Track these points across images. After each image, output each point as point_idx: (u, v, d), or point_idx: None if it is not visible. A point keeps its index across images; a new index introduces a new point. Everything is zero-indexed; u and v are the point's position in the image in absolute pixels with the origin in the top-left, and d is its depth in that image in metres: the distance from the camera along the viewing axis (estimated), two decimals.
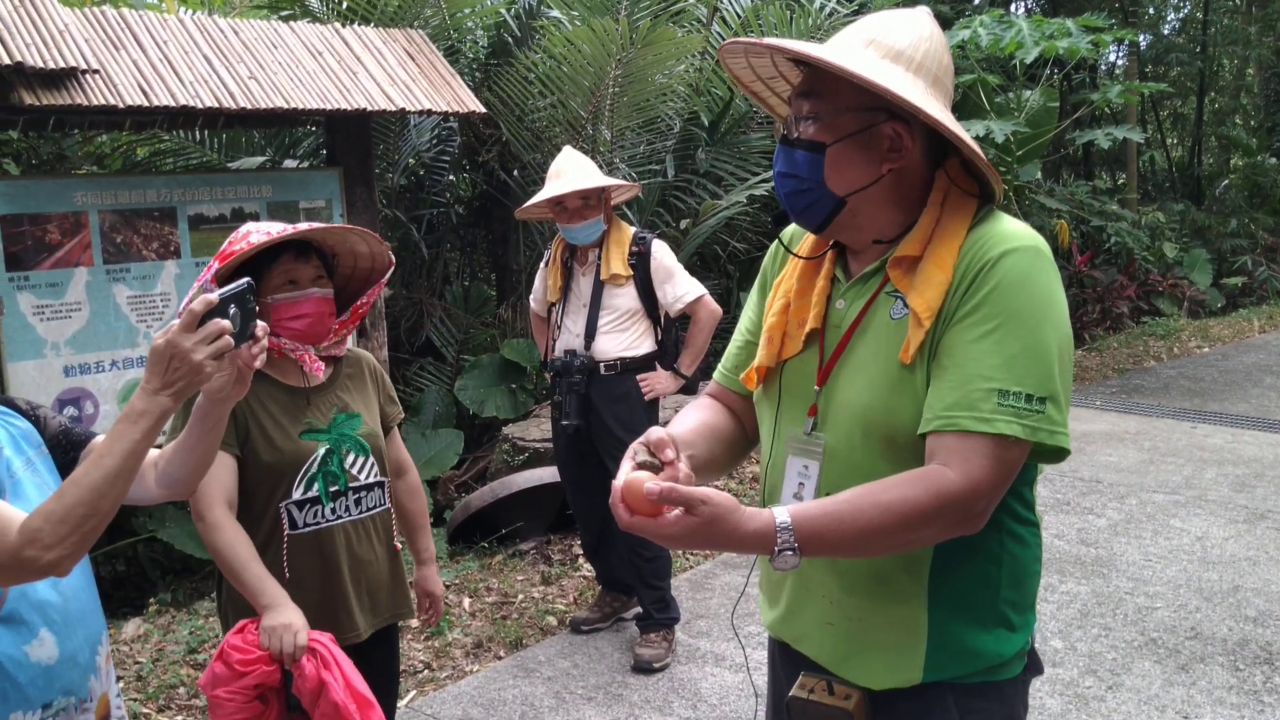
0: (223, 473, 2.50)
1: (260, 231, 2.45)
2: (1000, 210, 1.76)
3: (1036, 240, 1.68)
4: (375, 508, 2.74)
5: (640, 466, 1.61)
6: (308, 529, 2.60)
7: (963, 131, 1.68)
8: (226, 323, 1.76)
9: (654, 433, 1.67)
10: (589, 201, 4.32)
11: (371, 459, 2.71)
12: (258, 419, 2.57)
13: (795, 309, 1.85)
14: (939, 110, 1.67)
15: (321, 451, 2.60)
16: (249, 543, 2.51)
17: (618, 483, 1.59)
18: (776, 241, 2.00)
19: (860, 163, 1.71)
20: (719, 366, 2.08)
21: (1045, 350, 1.61)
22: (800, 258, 1.89)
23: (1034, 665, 1.86)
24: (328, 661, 2.44)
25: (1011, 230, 1.69)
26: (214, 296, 1.76)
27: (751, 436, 2.03)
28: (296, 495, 2.58)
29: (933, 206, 1.73)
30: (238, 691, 2.37)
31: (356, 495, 2.67)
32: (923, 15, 1.76)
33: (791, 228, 1.97)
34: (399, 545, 2.88)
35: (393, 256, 2.72)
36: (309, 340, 2.60)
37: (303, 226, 2.51)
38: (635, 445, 1.66)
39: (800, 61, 1.75)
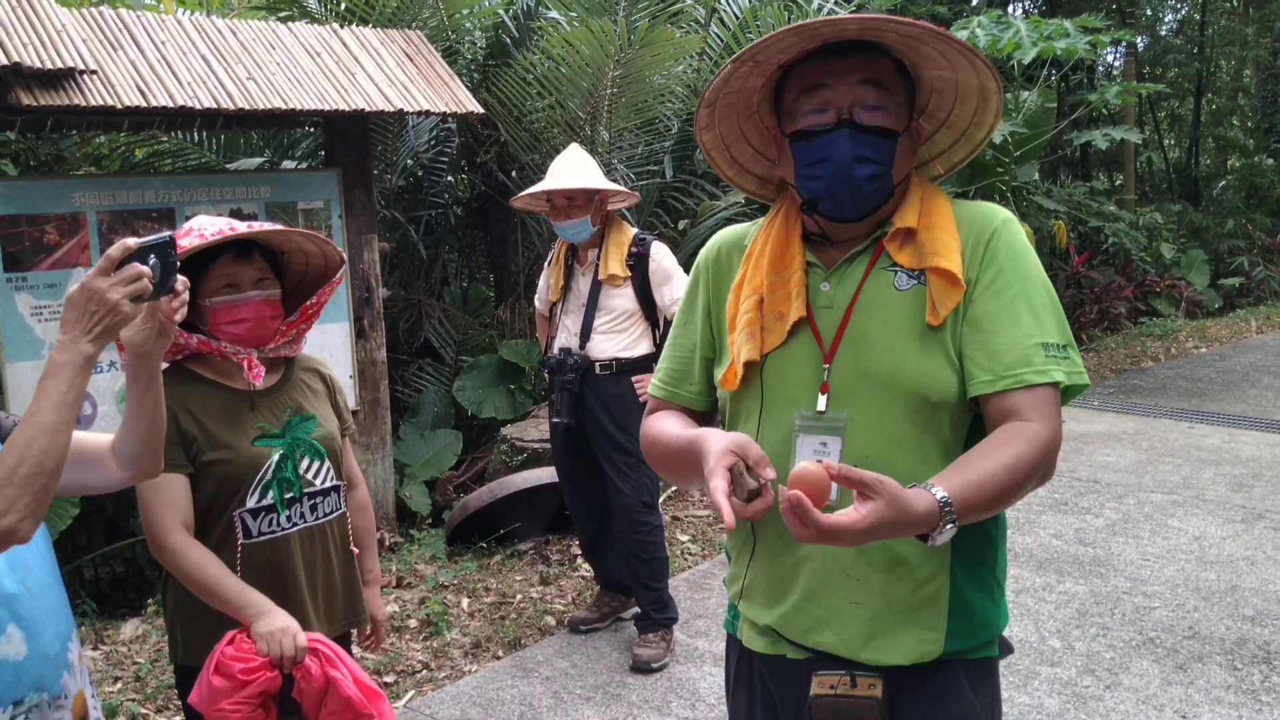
0: (174, 496, 2.41)
1: (196, 232, 2.36)
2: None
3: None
4: (331, 513, 2.64)
5: (750, 494, 1.56)
6: (263, 537, 2.50)
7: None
8: (145, 268, 1.76)
9: (751, 448, 1.61)
10: (575, 201, 4.34)
11: (327, 463, 2.61)
12: (205, 428, 2.46)
13: (769, 303, 1.84)
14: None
15: (276, 457, 2.51)
16: (216, 558, 2.43)
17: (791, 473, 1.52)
18: (713, 250, 2.00)
19: (908, 154, 1.82)
20: (655, 381, 2.08)
21: (1055, 302, 1.77)
22: (807, 239, 1.90)
23: (1005, 645, 1.91)
24: (331, 659, 2.42)
25: (990, 206, 1.84)
26: (132, 242, 1.76)
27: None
28: (251, 503, 2.48)
29: (915, 186, 1.84)
30: (243, 702, 2.30)
31: (312, 501, 2.58)
32: None
33: (726, 234, 2.01)
34: (355, 550, 2.77)
35: (344, 255, 2.59)
36: (251, 344, 2.49)
37: (241, 227, 2.40)
38: (725, 461, 1.59)
39: (835, 52, 1.74)
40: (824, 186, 1.77)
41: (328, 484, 2.62)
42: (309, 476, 2.57)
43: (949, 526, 1.56)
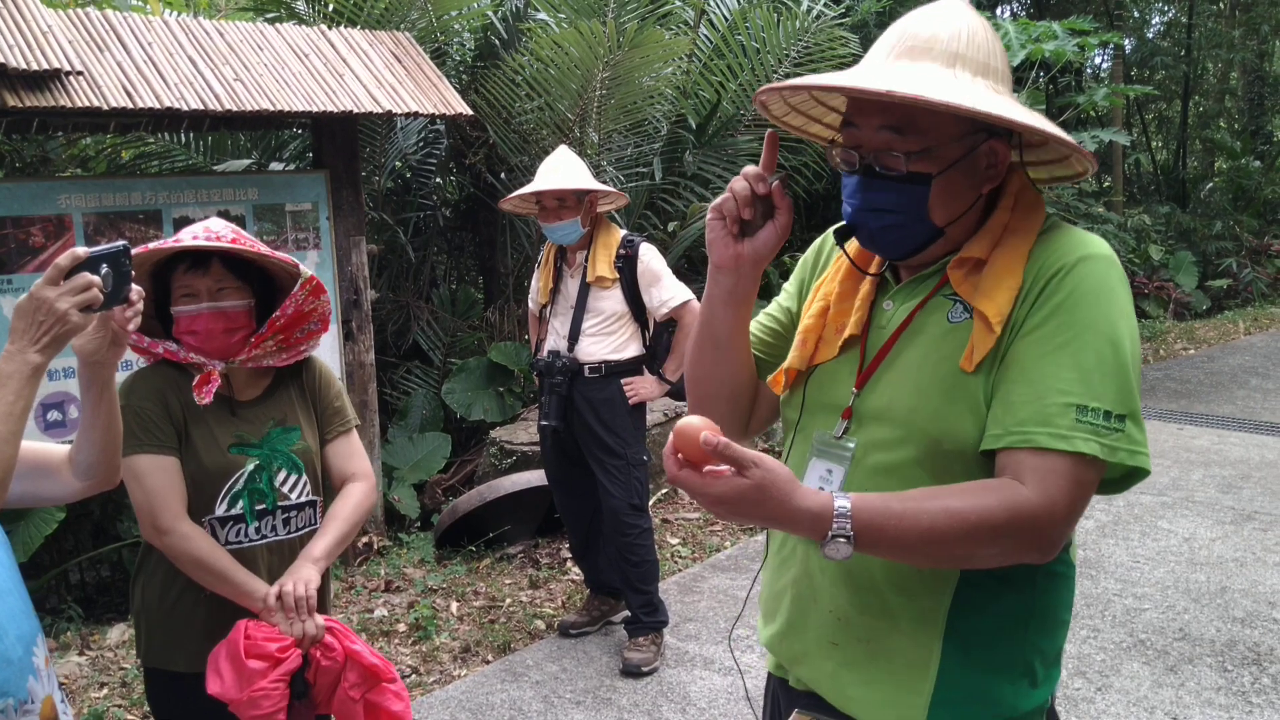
0: (174, 478, 2.40)
1: (191, 232, 2.34)
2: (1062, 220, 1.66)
3: (1109, 249, 1.58)
4: (305, 528, 2.59)
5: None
6: (230, 547, 2.46)
7: (1059, 130, 1.57)
8: (95, 278, 1.74)
9: (749, 171, 1.66)
10: (564, 203, 4.33)
11: (304, 477, 2.57)
12: (189, 425, 2.45)
13: (834, 313, 1.75)
14: (1043, 122, 1.56)
15: (250, 467, 2.48)
16: (219, 545, 2.43)
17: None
18: (821, 240, 1.90)
19: (964, 189, 1.61)
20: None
21: (1123, 363, 1.51)
22: (867, 273, 1.76)
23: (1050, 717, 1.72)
24: (347, 634, 2.49)
25: (1084, 237, 1.59)
26: (82, 251, 1.75)
27: (753, 402, 1.91)
28: (219, 511, 2.45)
29: (1003, 209, 1.63)
30: (280, 680, 2.34)
31: (285, 515, 2.54)
32: (958, 6, 1.64)
33: (834, 229, 1.85)
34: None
35: (304, 269, 2.50)
36: (213, 355, 2.44)
37: (186, 238, 2.36)
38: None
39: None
40: (853, 224, 1.68)
41: (303, 498, 2.58)
42: (284, 490, 2.54)
43: (840, 540, 1.45)
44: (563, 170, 4.37)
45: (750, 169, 1.67)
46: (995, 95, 1.56)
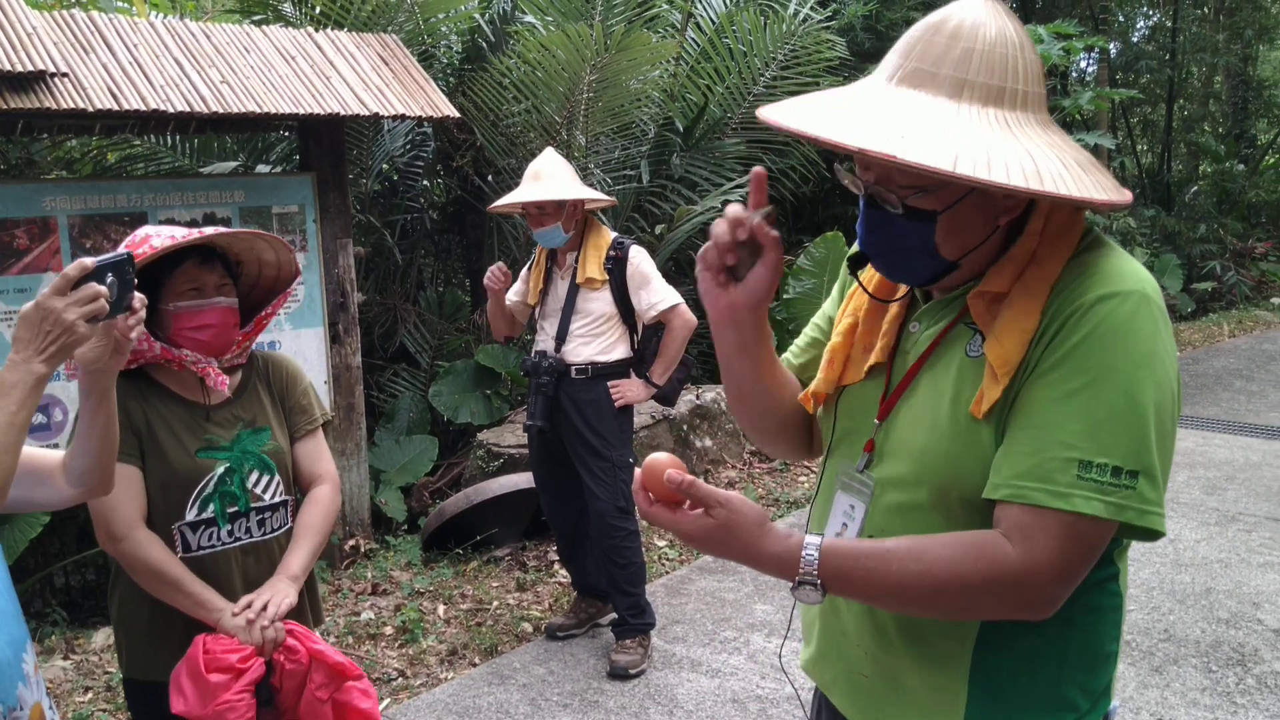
0: (130, 487, 2.37)
1: (162, 235, 2.31)
2: (1107, 238, 1.51)
3: (1145, 283, 1.42)
4: (280, 529, 2.58)
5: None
6: (202, 552, 2.45)
7: (1083, 176, 1.41)
8: (102, 288, 1.74)
9: (732, 209, 1.54)
10: (545, 209, 4.35)
11: (277, 477, 2.55)
12: (154, 432, 2.42)
13: (863, 332, 1.67)
14: (1070, 181, 1.38)
15: (220, 470, 2.46)
16: (173, 554, 2.40)
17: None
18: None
19: (976, 222, 1.48)
20: (789, 350, 1.89)
21: (1141, 414, 1.38)
22: (885, 301, 1.67)
23: None
24: (308, 636, 2.47)
25: (1117, 268, 1.43)
26: (90, 261, 1.75)
27: (811, 423, 1.83)
28: (190, 516, 2.43)
29: (1030, 235, 1.48)
30: (244, 690, 2.32)
31: (260, 516, 2.52)
32: (984, 7, 1.46)
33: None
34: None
35: (299, 266, 2.56)
36: (213, 352, 2.43)
37: (209, 231, 2.36)
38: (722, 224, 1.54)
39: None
40: (863, 250, 1.60)
41: (276, 499, 2.56)
42: (257, 491, 2.52)
43: (807, 587, 1.43)
44: (543, 179, 4.37)
45: (732, 210, 1.55)
46: (1000, 131, 1.39)
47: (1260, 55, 19.97)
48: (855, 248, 1.64)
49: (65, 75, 4.51)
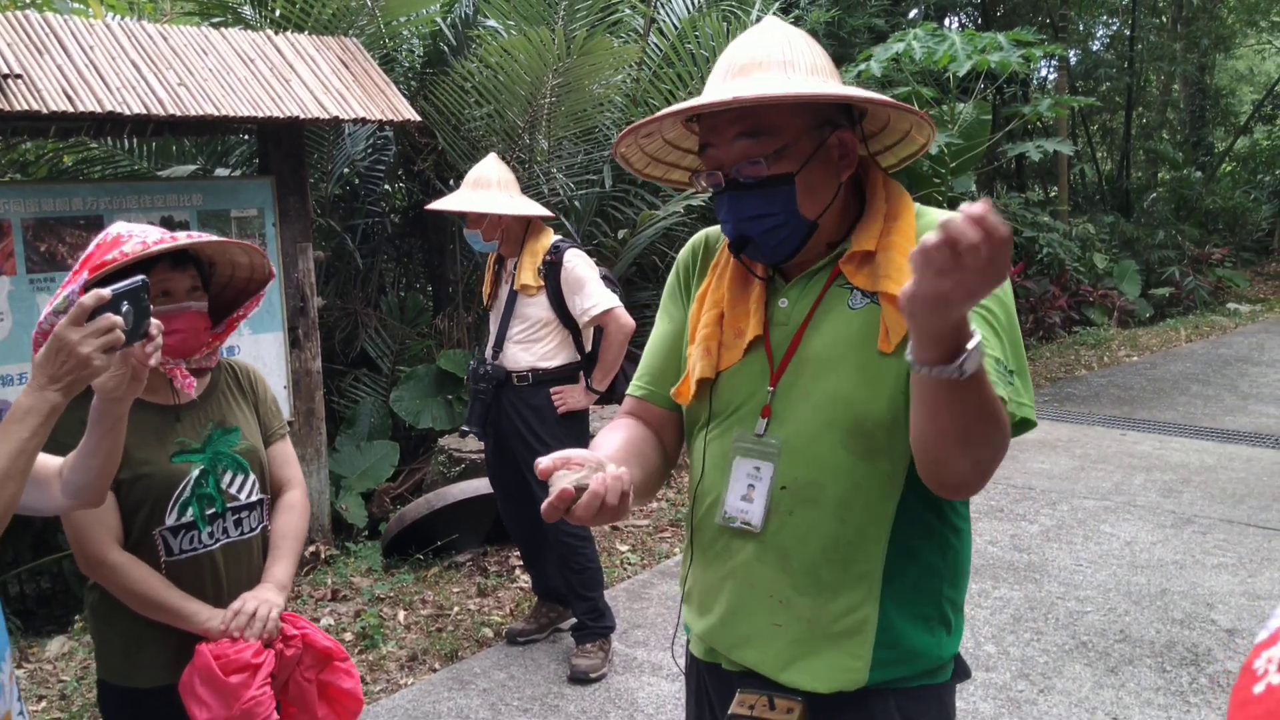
0: (104, 512, 2.36)
1: (134, 238, 2.26)
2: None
3: None
4: (257, 527, 2.58)
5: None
6: (185, 555, 2.45)
7: (902, 104, 1.70)
8: (118, 318, 1.74)
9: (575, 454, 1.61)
10: (465, 217, 4.42)
11: (252, 476, 2.56)
12: (128, 443, 2.35)
13: (730, 318, 1.82)
14: (874, 94, 1.68)
15: (195, 473, 2.45)
16: (155, 572, 2.41)
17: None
18: (688, 252, 1.98)
19: (825, 181, 1.72)
20: (634, 381, 2.01)
21: (1014, 329, 1.66)
22: (757, 276, 1.83)
23: (962, 669, 1.85)
24: (296, 620, 2.52)
25: (941, 211, 1.73)
26: (106, 292, 1.74)
27: (672, 453, 1.97)
28: (170, 521, 2.43)
29: (879, 199, 1.76)
30: (264, 683, 2.36)
31: (236, 516, 2.53)
32: (776, 22, 1.78)
33: (705, 236, 1.98)
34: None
35: (273, 269, 2.55)
36: (181, 354, 2.43)
37: (181, 237, 2.33)
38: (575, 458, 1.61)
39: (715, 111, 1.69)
40: (736, 240, 1.75)
41: (252, 498, 2.57)
42: (232, 491, 2.52)
43: (963, 357, 1.38)
44: (478, 186, 4.41)
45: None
46: (826, 80, 1.71)
47: (1217, 64, 20.29)
48: (725, 240, 1.83)
49: (19, 76, 4.46)
